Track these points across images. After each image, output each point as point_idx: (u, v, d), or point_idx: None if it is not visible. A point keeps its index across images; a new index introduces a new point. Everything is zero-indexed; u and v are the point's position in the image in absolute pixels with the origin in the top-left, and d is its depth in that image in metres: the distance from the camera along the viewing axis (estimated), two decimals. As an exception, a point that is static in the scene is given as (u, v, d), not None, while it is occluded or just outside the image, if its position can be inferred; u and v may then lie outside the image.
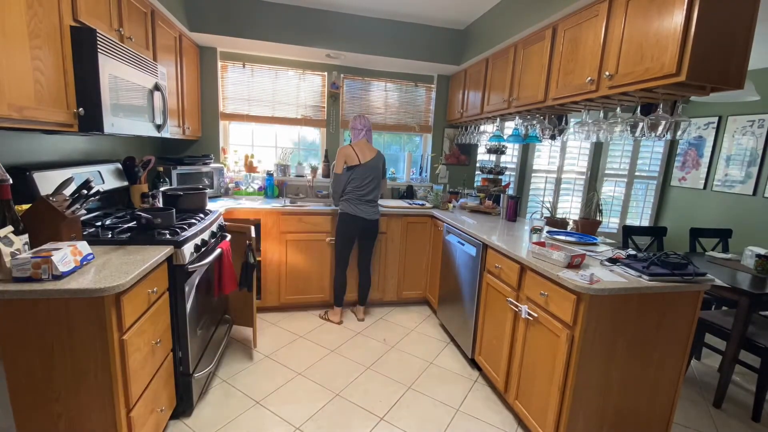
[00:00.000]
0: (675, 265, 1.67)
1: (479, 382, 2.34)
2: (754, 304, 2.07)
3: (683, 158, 4.42)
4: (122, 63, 1.73)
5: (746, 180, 3.71)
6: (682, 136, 1.79)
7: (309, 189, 3.60)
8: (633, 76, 1.70)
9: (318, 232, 3.03)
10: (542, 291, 1.76)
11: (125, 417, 1.36)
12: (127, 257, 1.49)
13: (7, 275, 1.20)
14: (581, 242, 2.23)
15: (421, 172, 4.06)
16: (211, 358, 2.16)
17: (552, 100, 2.26)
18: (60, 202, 1.43)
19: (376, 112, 3.75)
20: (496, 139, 3.12)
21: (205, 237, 2.03)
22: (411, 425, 1.94)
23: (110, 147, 2.44)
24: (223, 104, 3.42)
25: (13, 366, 1.22)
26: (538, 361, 1.80)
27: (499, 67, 2.90)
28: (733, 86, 1.53)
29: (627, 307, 1.59)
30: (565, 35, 2.16)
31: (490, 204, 3.25)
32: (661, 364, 1.71)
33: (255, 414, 1.95)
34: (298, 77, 3.53)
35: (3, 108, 1.16)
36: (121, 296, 1.29)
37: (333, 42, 3.13)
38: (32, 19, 1.29)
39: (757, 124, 3.64)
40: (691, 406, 2.24)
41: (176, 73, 2.68)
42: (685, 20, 1.47)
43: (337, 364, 2.44)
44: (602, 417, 1.69)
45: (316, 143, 3.78)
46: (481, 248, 2.33)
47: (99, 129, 1.58)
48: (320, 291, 3.14)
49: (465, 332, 2.54)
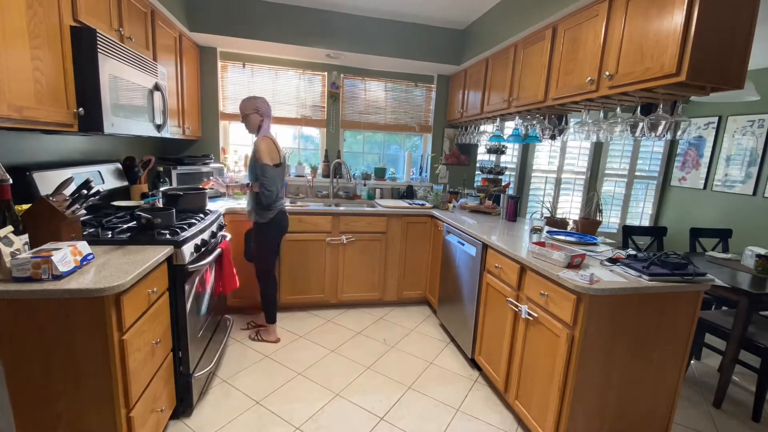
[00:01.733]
0: (675, 265, 1.67)
1: (479, 382, 2.34)
2: (754, 304, 2.07)
3: (683, 158, 4.42)
4: (122, 63, 1.73)
5: (746, 180, 3.71)
6: (682, 136, 1.79)
7: (309, 189, 3.60)
8: (633, 76, 1.70)
9: (318, 232, 3.03)
10: (542, 291, 1.76)
11: (125, 417, 1.36)
12: (127, 257, 1.49)
13: (7, 275, 1.20)
14: (581, 242, 2.23)
15: (421, 172, 4.06)
16: (211, 358, 2.16)
17: (552, 100, 2.26)
18: (60, 202, 1.43)
19: (376, 111, 3.75)
20: (496, 139, 3.12)
21: (205, 237, 2.03)
22: (411, 425, 1.94)
23: (110, 147, 2.44)
24: (223, 104, 3.42)
25: (13, 366, 1.21)
26: (538, 361, 1.80)
27: (499, 67, 2.90)
28: (733, 86, 1.53)
29: (627, 307, 1.59)
30: (565, 35, 2.16)
31: (490, 204, 3.25)
32: (661, 364, 1.71)
33: (255, 414, 1.95)
34: (298, 77, 3.53)
35: (3, 108, 1.16)
36: (121, 296, 1.29)
37: (333, 42, 3.13)
38: (32, 19, 1.29)
39: (757, 124, 3.64)
40: (691, 406, 2.24)
41: (176, 73, 2.68)
42: (685, 20, 1.47)
43: (337, 364, 2.44)
44: (602, 417, 1.69)
45: (316, 143, 3.78)
46: (481, 248, 2.33)
47: (99, 129, 1.58)
48: (320, 291, 3.15)
49: (465, 332, 2.54)
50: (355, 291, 3.23)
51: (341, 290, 3.19)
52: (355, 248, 3.15)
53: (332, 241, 3.08)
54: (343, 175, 3.65)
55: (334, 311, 3.20)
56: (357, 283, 3.22)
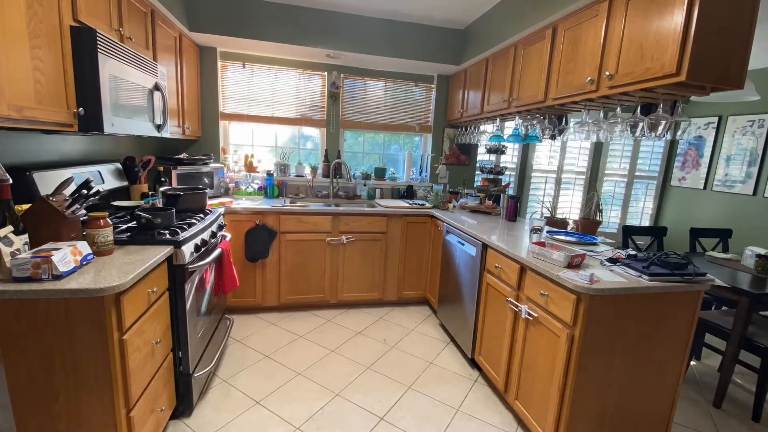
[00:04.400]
0: (675, 265, 1.67)
1: (479, 382, 2.34)
2: (754, 304, 2.07)
3: (683, 158, 4.42)
4: (122, 63, 1.73)
5: (746, 180, 3.71)
6: (682, 136, 1.79)
7: (309, 189, 3.60)
8: (633, 76, 1.70)
9: (318, 232, 3.03)
10: (542, 291, 1.76)
11: (125, 417, 1.36)
12: (127, 257, 1.49)
13: (7, 275, 1.20)
14: (581, 242, 2.23)
15: (421, 172, 4.06)
16: (211, 358, 2.16)
17: (552, 100, 2.26)
18: (60, 202, 1.43)
19: (375, 111, 3.75)
20: (496, 139, 3.12)
21: (205, 237, 2.03)
22: (411, 425, 1.94)
23: (110, 147, 2.44)
24: (223, 104, 3.42)
25: (13, 366, 1.22)
26: (538, 361, 1.80)
27: (499, 67, 2.90)
28: (733, 86, 1.53)
29: (627, 307, 1.59)
30: (565, 35, 2.16)
31: (490, 204, 3.25)
32: (661, 364, 1.71)
33: (255, 414, 1.95)
34: (298, 77, 3.53)
35: (3, 108, 1.16)
36: (121, 296, 1.29)
37: (333, 42, 3.13)
38: (32, 19, 1.29)
39: (757, 124, 3.64)
40: (691, 406, 2.24)
41: (176, 73, 2.68)
42: (685, 20, 1.47)
43: (337, 364, 2.44)
44: (602, 417, 1.69)
45: (316, 143, 3.78)
46: (481, 248, 2.33)
47: (99, 129, 1.58)
48: (320, 291, 3.14)
49: (465, 332, 2.54)
50: (355, 291, 3.23)
51: (341, 290, 3.19)
52: (355, 248, 3.15)
53: (332, 241, 3.08)
54: (343, 175, 3.65)
55: (334, 311, 3.20)
56: (357, 283, 3.22)
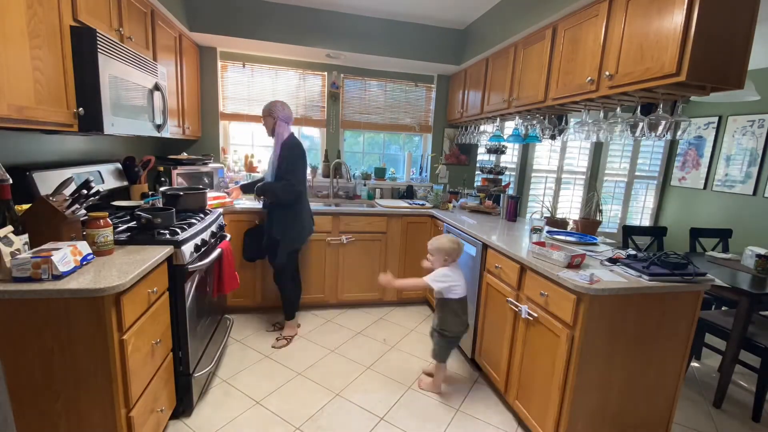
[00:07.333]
0: (675, 265, 1.66)
1: (479, 382, 2.34)
2: (754, 304, 2.07)
3: (683, 158, 4.42)
4: (122, 63, 1.73)
5: (746, 180, 3.71)
6: (682, 136, 1.79)
7: (309, 189, 3.60)
8: (633, 76, 1.70)
9: (318, 232, 3.03)
10: (542, 291, 1.76)
11: (125, 417, 1.36)
12: (127, 257, 1.49)
13: (7, 275, 1.20)
14: (581, 242, 2.23)
15: (421, 172, 4.06)
16: (211, 358, 2.16)
17: (552, 100, 2.26)
18: (60, 202, 1.42)
19: (375, 111, 3.75)
20: (496, 139, 3.12)
21: (205, 237, 2.03)
22: (411, 425, 1.94)
23: (110, 147, 2.44)
24: (223, 104, 3.42)
25: (13, 366, 1.21)
26: (538, 361, 1.80)
27: (499, 67, 2.90)
28: (733, 86, 1.53)
29: (627, 307, 1.58)
30: (565, 35, 2.16)
31: (490, 204, 3.25)
32: (661, 364, 1.71)
33: (255, 414, 1.95)
34: (298, 77, 3.53)
35: (3, 108, 1.16)
36: (121, 296, 1.29)
37: (333, 42, 3.13)
38: (32, 19, 1.29)
39: (757, 124, 3.64)
40: (691, 406, 2.24)
41: (176, 73, 2.68)
42: (685, 20, 1.47)
43: (337, 364, 2.44)
44: (602, 417, 1.69)
45: (316, 143, 3.78)
46: (481, 248, 2.33)
47: (99, 129, 1.58)
48: (320, 291, 3.14)
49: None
50: (355, 291, 3.23)
51: (341, 290, 3.19)
52: (355, 248, 3.15)
53: (332, 241, 3.08)
54: (343, 175, 3.65)
55: (334, 311, 3.20)
56: (357, 283, 3.22)
